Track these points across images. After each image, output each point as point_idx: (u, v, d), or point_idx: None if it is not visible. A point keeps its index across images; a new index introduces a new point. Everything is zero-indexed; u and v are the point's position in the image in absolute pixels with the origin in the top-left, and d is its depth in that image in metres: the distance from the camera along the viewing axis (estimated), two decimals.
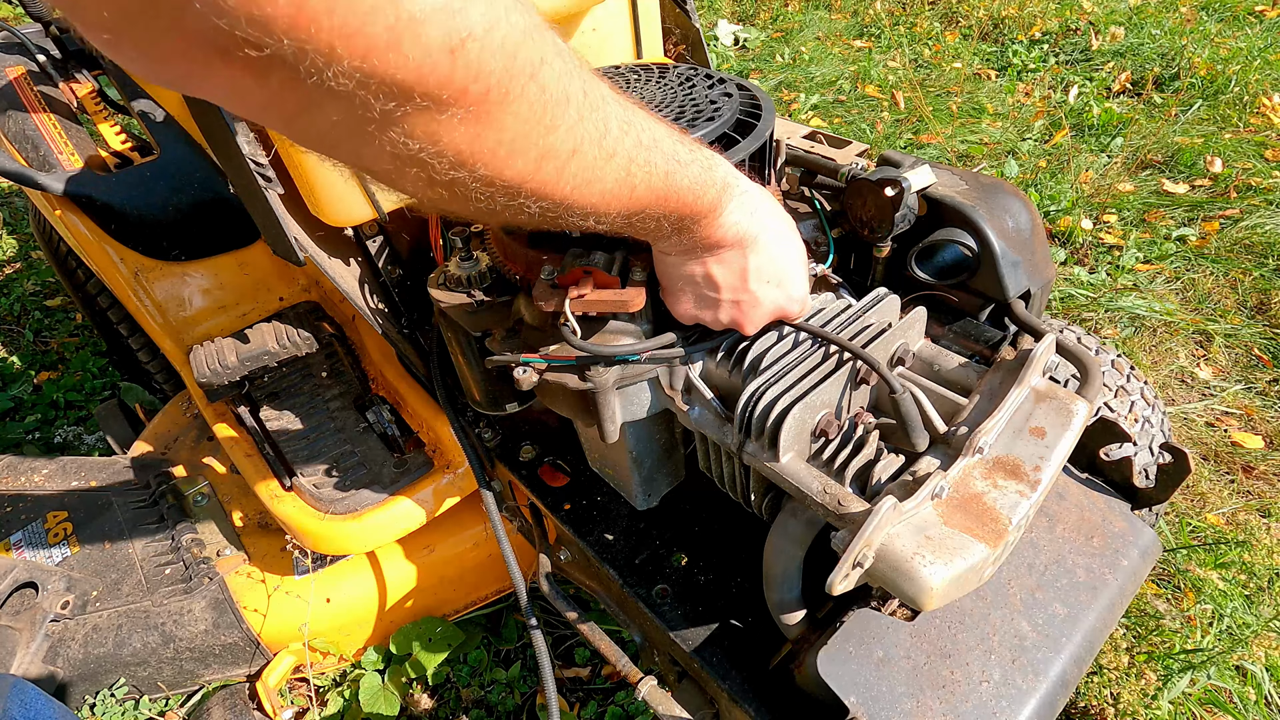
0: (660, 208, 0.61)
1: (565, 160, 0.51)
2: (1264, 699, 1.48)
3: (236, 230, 1.68)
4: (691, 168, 0.62)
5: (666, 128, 0.61)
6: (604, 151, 0.53)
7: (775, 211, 0.76)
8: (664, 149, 0.58)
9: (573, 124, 0.49)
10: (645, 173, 0.57)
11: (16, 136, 1.63)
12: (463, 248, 1.07)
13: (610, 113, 0.53)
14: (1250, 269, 2.48)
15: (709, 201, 0.65)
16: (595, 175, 0.53)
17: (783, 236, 0.76)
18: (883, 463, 0.76)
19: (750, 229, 0.71)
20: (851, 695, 0.81)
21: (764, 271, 0.75)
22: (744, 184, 0.71)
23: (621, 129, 0.54)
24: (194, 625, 1.49)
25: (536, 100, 0.46)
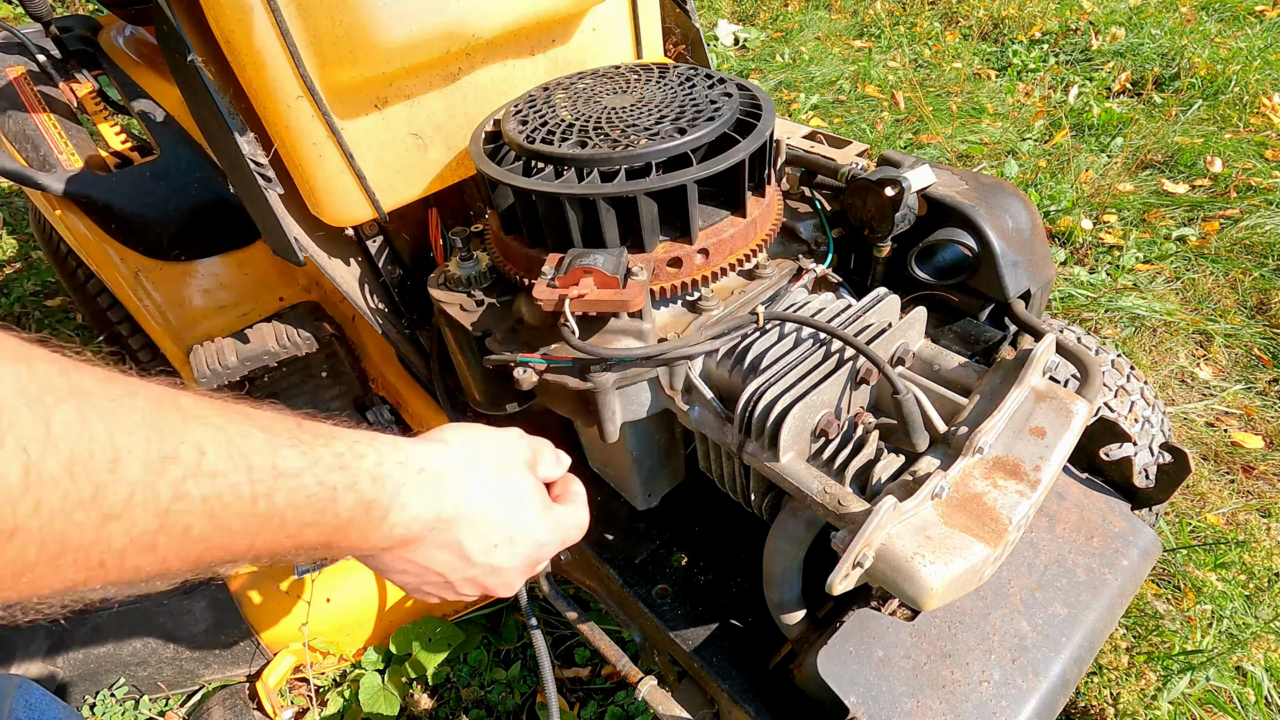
0: (261, 541, 0.45)
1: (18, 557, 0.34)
2: (1264, 699, 1.48)
3: (236, 230, 1.68)
4: (304, 477, 0.46)
5: (264, 434, 0.45)
6: (100, 510, 0.36)
7: (478, 467, 0.61)
8: (251, 465, 0.43)
9: None
10: (208, 508, 0.41)
11: (16, 136, 1.63)
12: (463, 248, 1.08)
13: (124, 449, 0.37)
14: (1250, 269, 2.48)
15: (348, 510, 0.49)
16: (83, 545, 0.36)
17: (495, 499, 0.61)
18: (883, 463, 0.76)
19: (442, 511, 0.56)
20: (851, 695, 0.81)
21: (490, 540, 0.60)
22: (415, 460, 0.55)
23: (149, 467, 0.38)
24: (194, 625, 1.49)
25: None
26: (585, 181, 0.84)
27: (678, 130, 0.87)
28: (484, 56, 1.11)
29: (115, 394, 0.38)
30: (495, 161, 0.93)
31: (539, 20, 1.09)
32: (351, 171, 1.08)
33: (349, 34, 0.95)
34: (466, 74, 1.11)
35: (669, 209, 0.86)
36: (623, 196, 0.82)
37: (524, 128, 0.94)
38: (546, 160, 0.88)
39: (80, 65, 1.79)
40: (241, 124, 1.04)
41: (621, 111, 0.94)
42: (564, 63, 1.21)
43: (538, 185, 0.84)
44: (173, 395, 0.42)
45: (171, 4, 0.97)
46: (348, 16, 0.93)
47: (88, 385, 0.37)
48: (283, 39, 0.93)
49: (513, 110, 1.00)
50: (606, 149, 0.85)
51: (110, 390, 0.38)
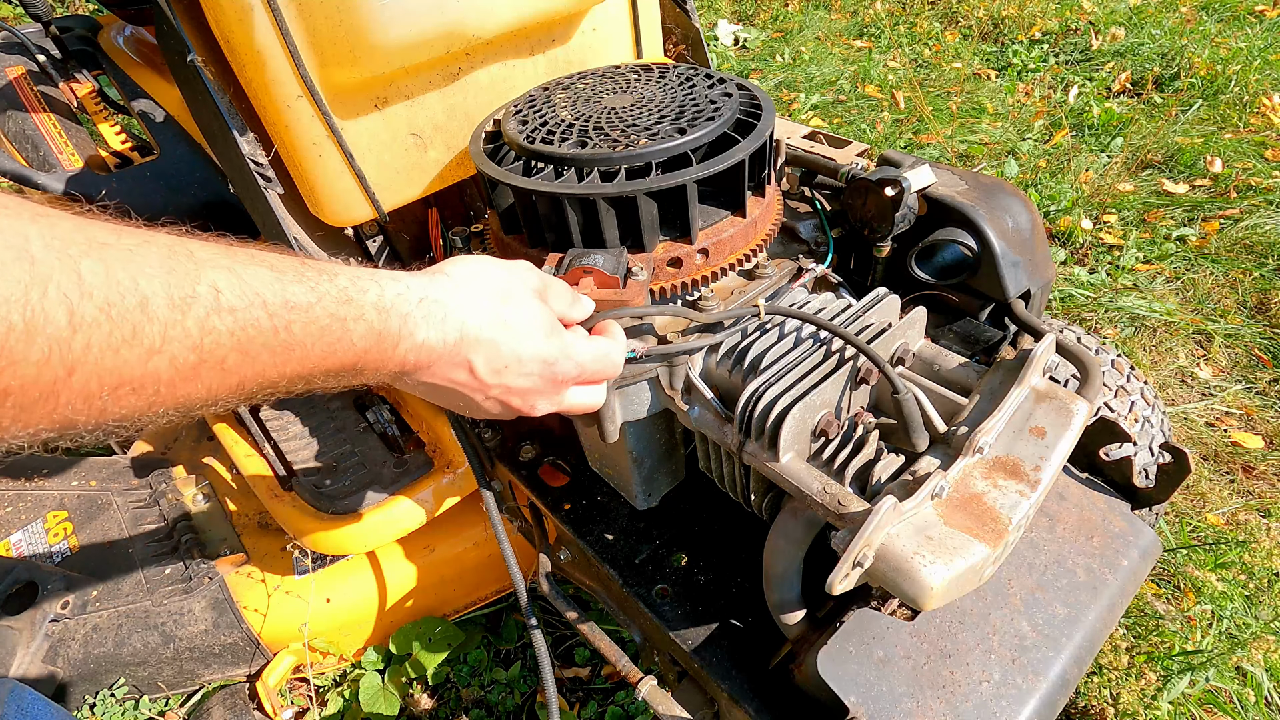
0: (290, 368, 0.49)
1: (61, 386, 0.38)
2: (1264, 700, 1.48)
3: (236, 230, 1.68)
4: (315, 310, 0.50)
5: (271, 272, 0.48)
6: (144, 345, 0.41)
7: (481, 290, 0.63)
8: (265, 300, 0.46)
9: (53, 344, 0.37)
10: (236, 340, 0.45)
11: (16, 136, 1.63)
12: (463, 248, 1.08)
13: (149, 293, 0.41)
14: (1250, 269, 2.48)
15: (361, 337, 0.53)
16: (136, 378, 0.41)
17: (495, 321, 0.63)
18: (883, 463, 0.76)
19: (447, 336, 0.59)
20: (851, 695, 0.81)
21: (496, 361, 0.63)
22: (416, 290, 0.58)
23: (174, 306, 0.42)
24: (194, 625, 1.49)
25: None
26: (585, 181, 0.84)
27: (678, 130, 0.87)
28: (484, 56, 1.11)
29: (129, 244, 0.41)
30: (495, 161, 0.93)
31: (539, 20, 1.09)
32: (351, 171, 1.08)
33: (349, 34, 0.95)
34: (466, 74, 1.11)
35: (669, 209, 0.86)
36: (623, 196, 0.82)
37: (524, 127, 0.94)
38: (546, 160, 0.88)
39: (80, 65, 1.79)
40: (241, 124, 1.04)
41: (621, 111, 0.94)
42: (564, 63, 1.21)
43: (538, 185, 0.84)
44: (182, 241, 0.45)
45: (171, 4, 0.97)
46: (347, 17, 0.93)
47: (103, 238, 0.40)
48: (283, 39, 0.93)
49: (513, 110, 1.00)
50: (606, 149, 0.85)
51: (124, 241, 0.41)
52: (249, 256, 0.48)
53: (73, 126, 1.69)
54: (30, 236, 0.37)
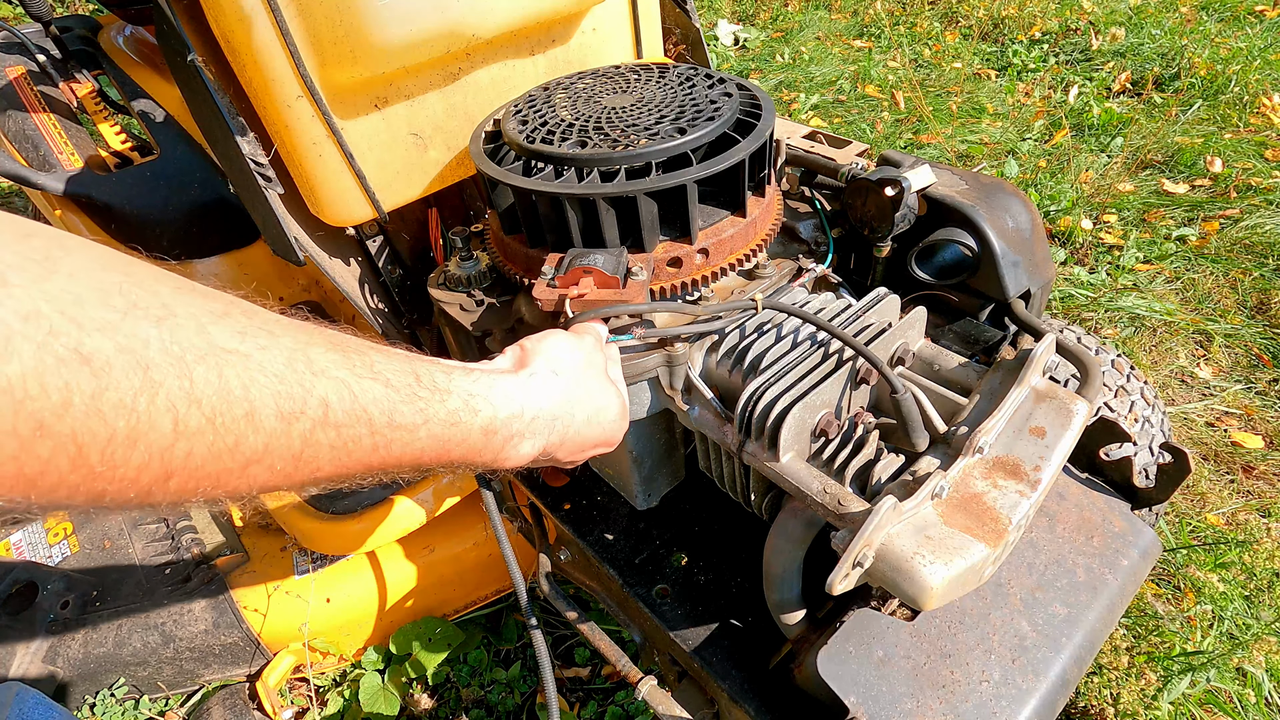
0: (374, 470, 0.51)
1: (156, 488, 0.39)
2: (1264, 700, 1.48)
3: (236, 230, 1.68)
4: (420, 432, 0.51)
5: (384, 389, 0.49)
6: (244, 456, 0.41)
7: (571, 400, 0.66)
8: (372, 419, 0.48)
9: (154, 451, 0.37)
10: (334, 455, 0.46)
11: (16, 136, 1.63)
12: (463, 248, 1.08)
13: (260, 404, 0.41)
14: (1250, 269, 2.48)
15: (460, 456, 0.55)
16: (228, 484, 0.42)
17: (588, 417, 0.68)
18: (883, 463, 0.76)
19: (550, 441, 0.64)
20: (851, 695, 0.81)
21: (581, 448, 0.70)
22: (531, 408, 0.61)
23: (282, 419, 0.42)
24: (194, 625, 1.49)
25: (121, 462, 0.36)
26: (585, 181, 0.84)
27: (678, 130, 0.87)
28: (484, 56, 1.11)
29: (249, 349, 0.41)
30: (495, 161, 0.93)
31: (539, 20, 1.09)
32: (351, 171, 1.08)
33: (349, 34, 0.95)
34: (466, 74, 1.11)
35: (669, 209, 0.86)
36: (623, 196, 0.82)
37: (524, 128, 0.94)
38: (546, 160, 0.88)
39: (80, 65, 1.79)
40: (241, 124, 1.04)
41: (621, 111, 0.94)
42: (564, 63, 1.21)
43: (538, 185, 0.84)
44: (305, 346, 0.45)
45: (171, 4, 0.97)
46: (347, 17, 0.93)
47: (223, 342, 0.40)
48: (283, 39, 0.93)
49: (513, 110, 1.00)
50: (606, 149, 0.85)
51: (244, 345, 0.41)
52: (367, 367, 0.48)
53: (73, 126, 1.69)
54: (150, 341, 0.36)
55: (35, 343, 0.32)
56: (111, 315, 0.35)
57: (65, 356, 0.33)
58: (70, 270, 0.35)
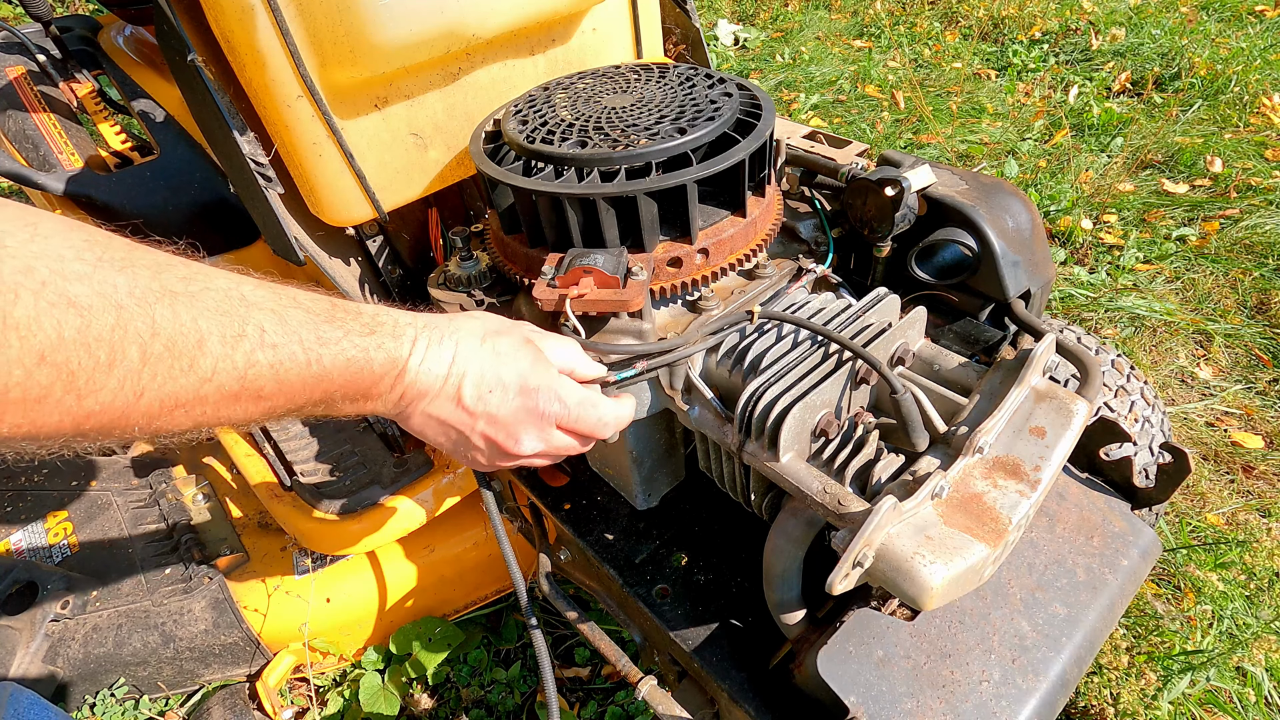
0: (317, 394, 0.58)
1: (131, 406, 0.47)
2: (1264, 700, 1.48)
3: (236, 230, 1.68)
4: (343, 343, 0.59)
5: (307, 314, 0.57)
6: (198, 375, 0.49)
7: (472, 324, 0.71)
8: (301, 337, 0.55)
9: (127, 374, 0.45)
10: (274, 371, 0.54)
11: (16, 136, 1.63)
12: (463, 247, 1.08)
13: (206, 332, 0.49)
14: (1250, 269, 2.48)
15: (380, 365, 0.62)
16: (189, 401, 0.49)
17: (485, 351, 0.70)
18: (883, 462, 0.76)
19: (441, 359, 0.67)
20: (851, 695, 0.81)
21: (481, 385, 0.69)
22: (423, 319, 0.67)
23: (226, 343, 0.50)
24: (194, 625, 1.49)
25: (52, 383, 0.42)
26: (585, 181, 0.84)
27: (678, 130, 0.87)
28: (484, 56, 1.11)
29: (194, 290, 0.50)
30: (495, 161, 0.93)
31: (539, 20, 1.09)
32: (351, 171, 1.08)
33: (349, 34, 0.95)
34: (466, 74, 1.11)
35: (669, 209, 0.86)
36: (623, 196, 0.82)
37: (524, 127, 0.94)
38: (546, 160, 0.88)
39: (80, 65, 1.79)
40: (241, 124, 1.04)
41: (621, 111, 0.94)
42: (564, 63, 1.21)
43: (538, 185, 0.84)
44: (237, 285, 0.53)
45: (171, 4, 0.97)
46: (348, 16, 0.93)
47: (173, 285, 0.49)
48: (283, 39, 0.93)
49: (513, 110, 1.00)
50: (606, 149, 0.85)
51: (190, 287, 0.50)
52: (291, 299, 0.57)
53: (73, 126, 1.69)
54: (118, 285, 0.45)
55: (33, 291, 0.41)
56: (86, 267, 0.44)
57: (56, 301, 0.42)
58: (47, 233, 0.44)
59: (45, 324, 0.41)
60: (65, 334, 0.42)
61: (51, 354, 0.41)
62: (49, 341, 0.41)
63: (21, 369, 0.40)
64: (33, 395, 0.42)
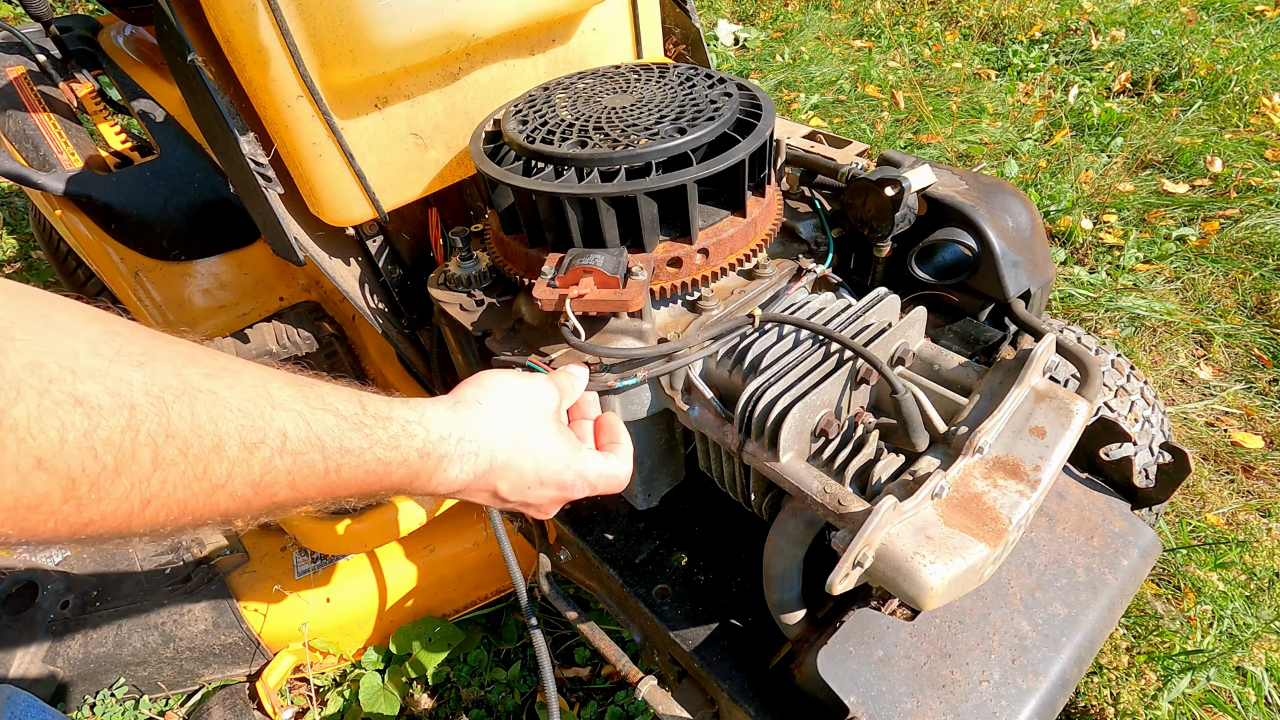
0: (327, 496, 0.55)
1: (135, 514, 0.43)
2: (1264, 699, 1.48)
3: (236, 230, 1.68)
4: (366, 455, 0.55)
5: (334, 419, 0.53)
6: (211, 482, 0.46)
7: (507, 423, 0.69)
8: (325, 445, 0.52)
9: (135, 482, 0.42)
10: (290, 479, 0.51)
11: (16, 136, 1.63)
12: (463, 248, 1.08)
13: (225, 435, 0.46)
14: (1250, 269, 2.48)
15: (401, 480, 0.59)
16: (197, 509, 0.46)
17: (524, 452, 0.69)
18: (883, 462, 0.76)
19: (478, 470, 0.65)
20: (851, 695, 0.81)
21: (521, 485, 0.69)
22: (455, 433, 0.64)
23: (245, 449, 0.47)
24: (194, 625, 1.49)
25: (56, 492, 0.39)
26: (585, 181, 0.84)
27: (678, 130, 0.87)
28: (484, 56, 1.11)
29: (217, 388, 0.47)
30: (495, 161, 0.93)
31: (539, 20, 1.09)
32: (351, 171, 1.08)
33: (349, 34, 0.95)
34: (466, 74, 1.11)
35: (669, 209, 0.86)
36: (623, 196, 0.82)
37: (524, 127, 0.94)
38: (546, 160, 0.88)
39: (80, 65, 1.79)
40: (241, 124, 1.04)
41: (621, 111, 0.94)
42: (564, 63, 1.21)
43: (538, 185, 0.84)
44: (265, 384, 0.50)
45: (171, 4, 0.97)
46: (348, 16, 0.93)
47: (196, 382, 0.46)
48: (283, 39, 0.93)
49: (513, 110, 1.00)
50: (606, 149, 0.85)
51: (213, 385, 0.47)
52: (320, 400, 0.54)
53: (73, 126, 1.69)
54: (134, 384, 0.42)
55: (37, 390, 0.37)
56: (100, 363, 0.41)
57: (62, 400, 0.38)
58: (62, 325, 0.40)
59: (47, 426, 0.37)
60: (69, 437, 0.38)
61: (51, 459, 0.38)
62: (49, 445, 0.37)
63: (16, 475, 0.36)
64: (26, 503, 0.38)
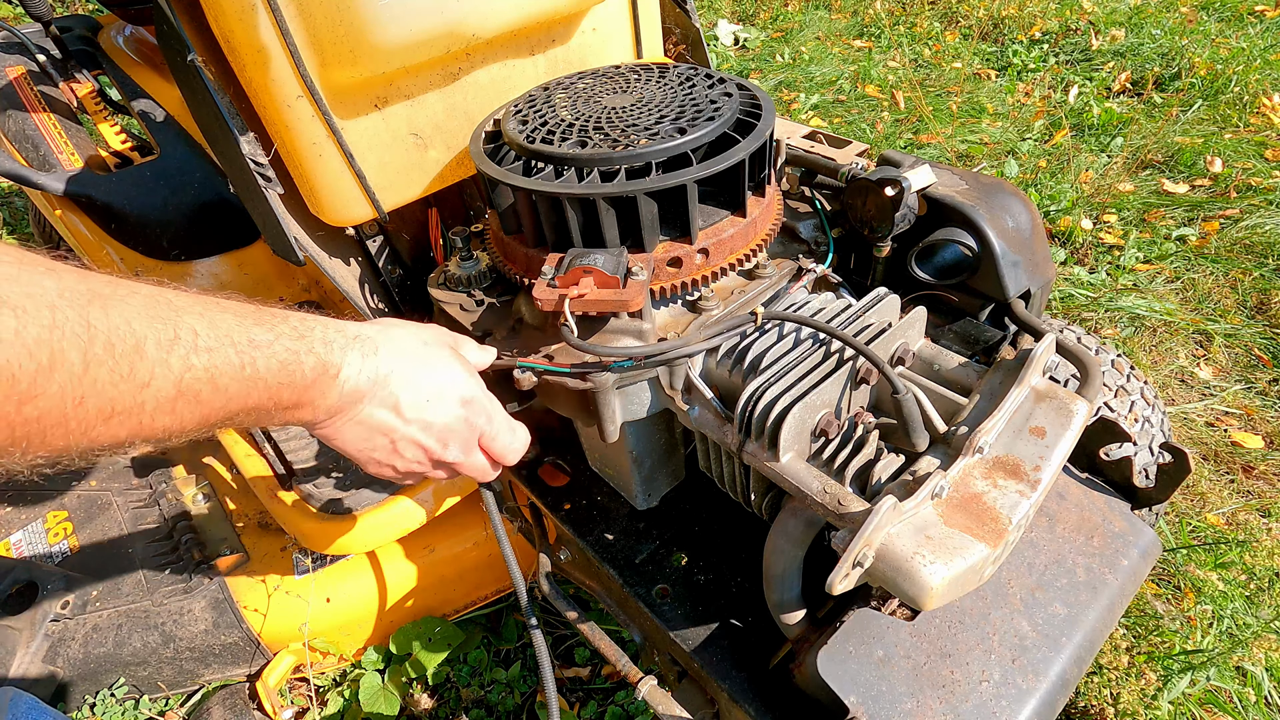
0: (251, 400, 0.57)
1: (71, 414, 0.45)
2: (1264, 699, 1.48)
3: (236, 230, 1.68)
4: (275, 346, 0.58)
5: (235, 316, 0.56)
6: (136, 381, 0.48)
7: (403, 335, 0.72)
8: (234, 339, 0.55)
9: (69, 379, 0.44)
10: (210, 375, 0.53)
11: (16, 136, 1.63)
12: (463, 248, 1.08)
13: (142, 335, 0.48)
14: (1250, 269, 2.48)
15: (311, 369, 0.61)
16: (128, 408, 0.48)
17: (419, 361, 0.71)
18: (883, 462, 0.76)
19: (379, 369, 0.68)
20: (851, 695, 0.81)
21: (419, 394, 0.71)
22: (351, 330, 0.67)
23: (161, 347, 0.49)
24: (194, 625, 1.49)
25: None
26: (585, 181, 0.84)
27: (678, 130, 0.87)
28: (484, 56, 1.11)
29: (121, 294, 0.49)
30: (495, 161, 0.93)
31: (539, 20, 1.09)
32: (351, 171, 1.08)
33: (349, 34, 0.95)
34: (466, 74, 1.11)
35: (669, 209, 0.86)
36: (623, 196, 0.82)
37: (524, 127, 0.94)
38: (546, 160, 0.88)
39: (80, 65, 1.79)
40: (241, 124, 1.04)
41: (621, 111, 0.94)
42: (564, 63, 1.21)
43: (538, 185, 0.84)
44: (162, 291, 0.53)
45: (171, 4, 0.97)
46: (348, 16, 0.93)
47: (100, 289, 0.48)
48: (283, 39, 0.93)
49: (513, 110, 1.00)
50: (606, 149, 0.85)
51: (117, 291, 0.49)
52: (216, 304, 0.56)
53: (73, 126, 1.69)
54: (48, 288, 0.44)
55: None
56: (12, 269, 0.43)
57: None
58: None
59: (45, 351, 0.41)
60: (3, 335, 0.40)
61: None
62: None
63: None
64: None
